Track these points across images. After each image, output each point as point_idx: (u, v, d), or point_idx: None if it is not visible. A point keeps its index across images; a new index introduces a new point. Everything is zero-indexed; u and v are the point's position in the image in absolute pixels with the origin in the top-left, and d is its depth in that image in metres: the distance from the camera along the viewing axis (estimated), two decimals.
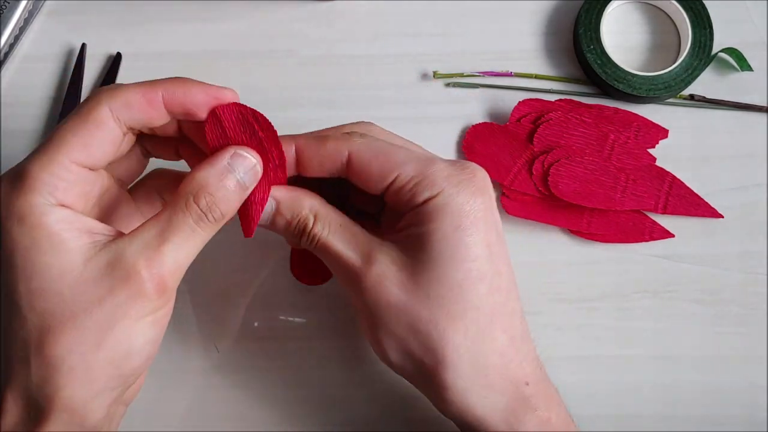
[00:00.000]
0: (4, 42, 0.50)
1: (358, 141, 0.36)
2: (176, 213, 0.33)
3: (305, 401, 0.45)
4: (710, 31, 0.50)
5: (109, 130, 0.33)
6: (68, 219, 0.32)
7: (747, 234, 0.48)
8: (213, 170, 0.34)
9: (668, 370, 0.46)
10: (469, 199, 0.35)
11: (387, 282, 0.35)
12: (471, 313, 0.34)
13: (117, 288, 0.32)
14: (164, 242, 0.32)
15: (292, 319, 0.46)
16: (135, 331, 0.32)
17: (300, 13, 0.52)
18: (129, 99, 0.33)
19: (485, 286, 0.35)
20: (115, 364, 0.33)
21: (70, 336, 0.32)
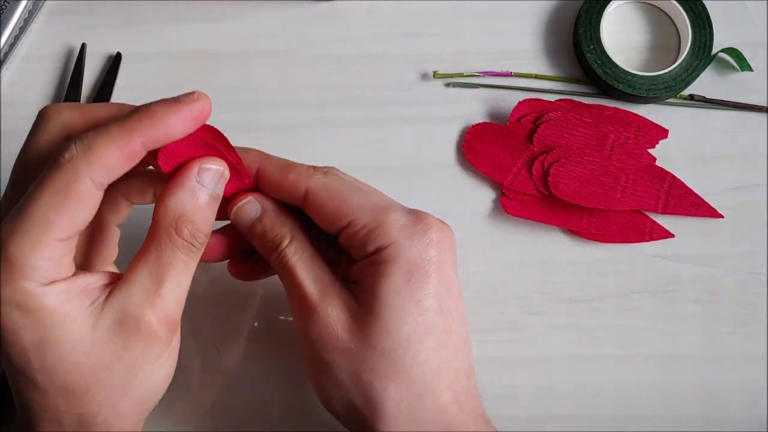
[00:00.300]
0: (4, 42, 0.50)
1: (317, 178, 0.36)
2: (163, 250, 0.33)
3: (305, 401, 0.45)
4: (710, 31, 0.50)
5: (92, 199, 0.31)
6: (63, 292, 0.31)
7: (747, 234, 0.48)
8: (184, 194, 0.33)
9: (668, 370, 0.46)
10: (422, 253, 0.34)
11: (337, 326, 0.34)
12: (417, 368, 0.34)
13: (131, 342, 0.32)
14: (162, 284, 0.32)
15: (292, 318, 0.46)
16: (155, 372, 0.34)
17: (300, 13, 0.52)
18: (109, 163, 0.31)
19: (433, 341, 0.34)
20: (142, 406, 0.34)
21: (98, 395, 0.32)
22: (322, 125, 0.50)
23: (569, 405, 0.45)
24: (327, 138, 0.50)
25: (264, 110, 0.50)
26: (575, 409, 0.45)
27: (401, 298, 0.34)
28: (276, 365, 0.46)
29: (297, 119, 0.50)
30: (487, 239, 0.48)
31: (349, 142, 0.49)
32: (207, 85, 0.50)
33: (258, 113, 0.50)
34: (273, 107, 0.50)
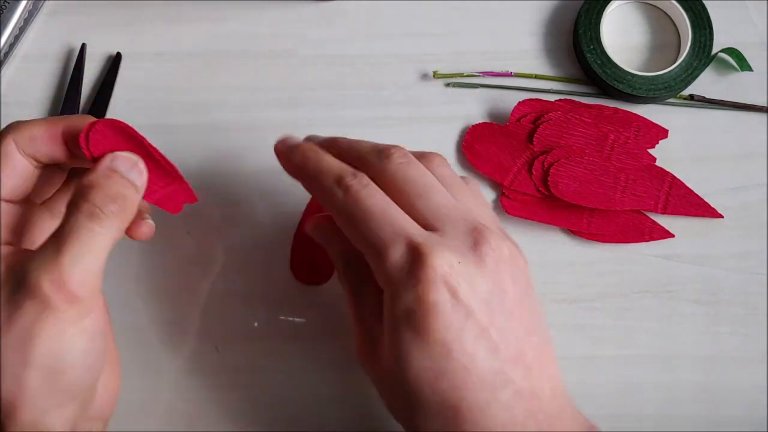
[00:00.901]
0: (4, 42, 0.50)
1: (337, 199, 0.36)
2: (68, 218, 0.33)
3: (305, 401, 0.45)
4: (710, 31, 0.50)
5: (16, 162, 0.35)
6: None
7: (747, 234, 0.48)
8: (97, 172, 0.34)
9: (668, 370, 0.46)
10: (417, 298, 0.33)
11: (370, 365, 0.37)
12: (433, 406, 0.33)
13: (24, 305, 0.31)
14: (61, 251, 0.32)
15: (292, 319, 0.46)
16: (60, 344, 0.32)
17: (300, 13, 0.52)
18: (33, 133, 0.35)
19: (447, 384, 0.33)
20: (50, 379, 0.32)
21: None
22: (322, 125, 0.50)
23: None
24: None
25: (264, 110, 0.50)
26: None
27: (403, 347, 0.33)
28: (276, 365, 0.46)
29: (297, 119, 0.50)
30: None
31: None
32: (207, 85, 0.51)
33: (258, 113, 0.50)
34: (273, 107, 0.50)
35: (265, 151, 0.49)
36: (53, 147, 0.35)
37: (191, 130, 0.50)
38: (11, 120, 0.49)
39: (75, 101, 0.49)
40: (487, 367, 0.33)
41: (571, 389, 0.46)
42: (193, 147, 0.49)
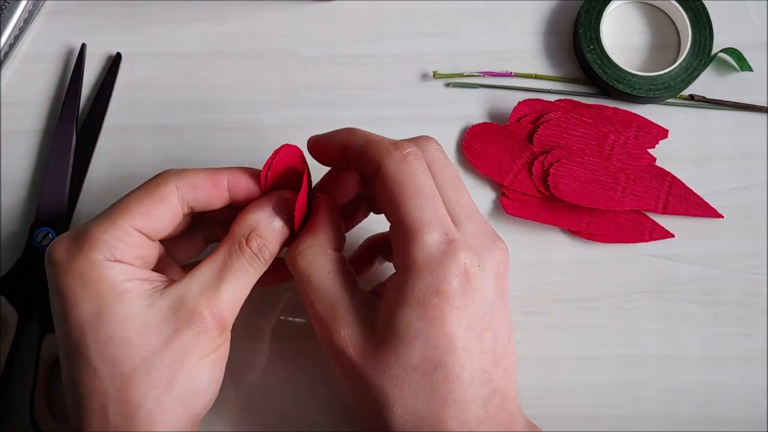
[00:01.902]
0: (4, 42, 0.50)
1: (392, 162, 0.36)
2: (231, 254, 0.36)
3: (305, 401, 0.45)
4: (710, 31, 0.50)
5: (171, 205, 0.36)
6: (127, 271, 0.34)
7: (747, 234, 0.48)
8: (262, 213, 0.37)
9: (668, 370, 0.46)
10: (439, 290, 0.34)
11: (349, 350, 0.35)
12: (421, 395, 0.34)
13: (182, 328, 0.34)
14: (222, 282, 0.35)
15: (292, 319, 0.46)
16: (201, 369, 0.35)
17: (300, 13, 0.52)
18: (196, 181, 0.36)
19: (441, 376, 0.34)
20: (185, 404, 0.34)
21: (144, 380, 0.33)
22: (322, 125, 0.50)
23: (569, 405, 0.45)
24: None
25: (264, 110, 0.50)
26: (575, 409, 0.45)
27: (412, 332, 0.34)
28: (276, 365, 0.46)
29: (297, 119, 0.50)
30: None
31: None
32: (207, 85, 0.51)
33: (258, 113, 0.50)
34: (273, 107, 0.50)
35: (265, 151, 0.49)
36: (213, 195, 0.37)
37: (191, 130, 0.50)
38: (11, 120, 0.50)
39: (75, 101, 0.49)
40: (478, 365, 0.35)
41: (571, 389, 0.46)
42: (193, 147, 0.49)
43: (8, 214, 0.48)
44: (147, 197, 0.35)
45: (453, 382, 0.34)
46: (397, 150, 0.36)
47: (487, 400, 0.35)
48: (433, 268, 0.34)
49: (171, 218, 0.36)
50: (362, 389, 0.35)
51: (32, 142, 0.49)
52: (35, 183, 0.49)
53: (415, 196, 0.35)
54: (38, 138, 0.50)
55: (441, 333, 0.34)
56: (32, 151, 0.49)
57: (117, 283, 0.34)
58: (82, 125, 0.49)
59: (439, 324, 0.34)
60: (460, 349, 0.34)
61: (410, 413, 0.34)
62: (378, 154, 0.36)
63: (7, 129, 0.50)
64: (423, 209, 0.35)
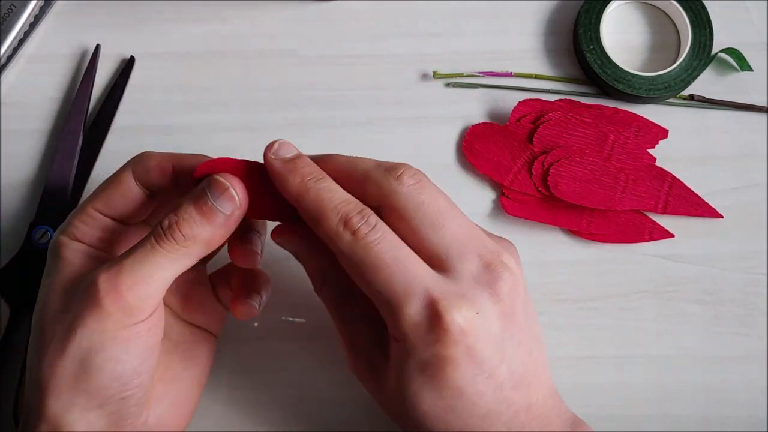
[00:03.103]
0: (12, 38, 0.50)
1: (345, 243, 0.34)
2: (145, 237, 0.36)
3: (305, 401, 0.45)
4: (710, 31, 0.50)
5: (128, 187, 0.38)
6: (79, 249, 0.37)
7: (747, 234, 0.48)
8: (189, 196, 0.36)
9: (668, 370, 0.46)
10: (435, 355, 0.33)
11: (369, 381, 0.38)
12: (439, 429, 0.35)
13: (78, 299, 0.34)
14: (124, 259, 0.34)
15: (292, 319, 0.46)
16: (96, 342, 0.34)
17: (300, 13, 0.52)
18: (148, 166, 0.38)
19: (455, 415, 0.34)
20: (77, 375, 0.34)
21: (47, 347, 0.34)
22: (322, 125, 0.50)
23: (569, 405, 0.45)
24: (327, 138, 0.50)
25: (264, 110, 0.50)
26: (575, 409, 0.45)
27: (416, 393, 0.34)
28: (276, 365, 0.46)
29: (297, 119, 0.50)
30: None
31: (349, 142, 0.49)
32: (207, 85, 0.51)
33: (258, 113, 0.50)
34: (273, 107, 0.50)
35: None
36: (162, 178, 0.38)
37: (191, 130, 0.50)
38: (13, 119, 0.50)
39: (85, 101, 0.49)
40: (492, 399, 0.34)
41: (571, 389, 0.46)
42: (193, 147, 0.49)
43: (9, 212, 0.48)
44: (108, 183, 0.38)
45: (467, 419, 0.34)
46: (345, 231, 0.33)
47: (508, 421, 0.35)
48: (423, 338, 0.33)
49: (132, 199, 0.38)
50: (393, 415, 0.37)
51: (37, 142, 0.49)
52: (38, 182, 0.49)
53: (376, 270, 0.33)
54: (43, 137, 0.50)
55: (445, 386, 0.34)
56: (37, 150, 0.49)
57: (66, 257, 0.36)
58: (89, 126, 0.49)
59: (442, 380, 0.33)
60: (469, 393, 0.34)
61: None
62: (327, 236, 0.34)
63: (9, 128, 0.50)
64: (390, 280, 0.33)
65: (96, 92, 0.50)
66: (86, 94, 0.49)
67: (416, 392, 0.34)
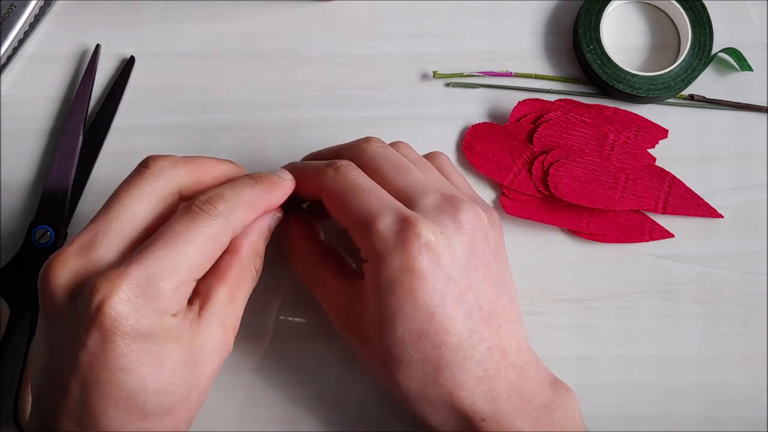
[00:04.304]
0: (12, 38, 0.50)
1: (327, 179, 0.38)
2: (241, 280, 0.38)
3: (305, 401, 0.45)
4: (710, 31, 0.50)
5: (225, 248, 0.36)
6: (181, 321, 0.35)
7: (747, 234, 0.48)
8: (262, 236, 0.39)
9: (668, 370, 0.46)
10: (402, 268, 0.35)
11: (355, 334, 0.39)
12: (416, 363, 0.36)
13: (216, 354, 0.37)
14: (236, 307, 0.38)
15: (292, 319, 0.46)
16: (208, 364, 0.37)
17: (300, 13, 0.52)
18: (245, 222, 0.37)
19: (429, 343, 0.36)
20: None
21: None
22: (322, 125, 0.50)
23: None
24: (327, 138, 0.50)
25: (264, 110, 0.50)
26: None
27: (390, 311, 0.36)
28: (276, 365, 0.46)
29: (297, 119, 0.50)
30: None
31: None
32: (207, 85, 0.51)
33: (258, 113, 0.50)
34: (272, 107, 0.50)
35: (265, 151, 0.49)
36: None
37: (191, 130, 0.50)
38: (13, 119, 0.50)
39: (85, 102, 0.49)
40: (463, 327, 0.36)
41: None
42: (193, 147, 0.49)
43: (9, 212, 0.48)
44: (212, 248, 0.35)
45: (440, 347, 0.36)
46: (329, 168, 0.38)
47: (482, 358, 0.37)
48: (393, 249, 0.35)
49: None
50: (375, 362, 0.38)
51: (37, 142, 0.49)
52: (38, 182, 0.49)
53: (354, 194, 0.37)
54: (43, 137, 0.50)
55: (415, 306, 0.35)
56: (37, 150, 0.49)
57: (176, 335, 0.34)
58: (89, 126, 0.49)
59: (411, 297, 0.35)
60: (439, 316, 0.36)
61: (411, 379, 0.37)
62: (315, 179, 0.39)
63: (9, 128, 0.50)
64: (366, 202, 0.37)
65: (96, 92, 0.50)
66: (86, 94, 0.49)
67: (390, 316, 0.36)
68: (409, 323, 0.36)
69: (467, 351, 0.36)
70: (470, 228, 0.37)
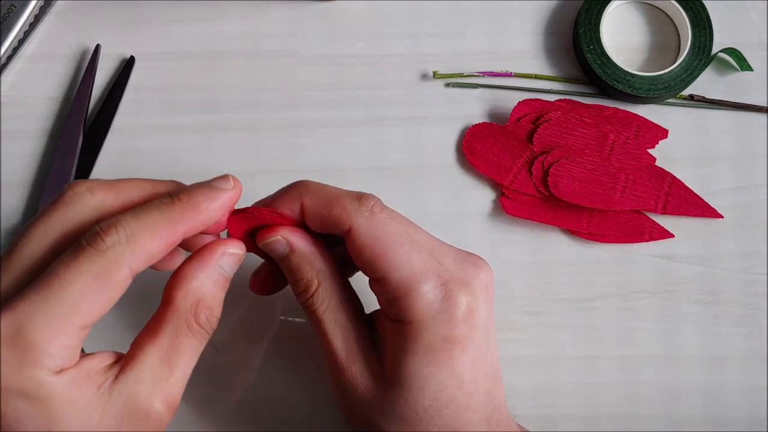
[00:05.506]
0: (12, 38, 0.50)
1: (362, 218, 0.34)
2: (179, 336, 0.32)
3: (305, 401, 0.45)
4: (710, 31, 0.50)
5: (124, 287, 0.31)
6: (72, 380, 0.30)
7: (747, 234, 0.48)
8: (205, 277, 0.32)
9: (668, 370, 0.46)
10: (447, 336, 0.34)
11: (361, 386, 0.35)
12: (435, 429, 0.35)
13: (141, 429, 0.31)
14: (173, 372, 0.32)
15: (292, 319, 0.46)
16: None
17: (300, 13, 0.52)
18: (151, 253, 0.31)
19: (452, 410, 0.35)
20: None
21: None
22: (322, 125, 0.50)
23: (569, 405, 0.45)
24: (327, 138, 0.50)
25: (264, 110, 0.50)
26: (575, 409, 0.45)
27: (422, 377, 0.34)
28: (275, 365, 0.46)
29: (297, 119, 0.50)
30: (487, 239, 0.48)
31: (349, 142, 0.50)
32: (207, 85, 0.51)
33: (258, 113, 0.50)
34: (273, 107, 0.50)
35: (266, 151, 0.49)
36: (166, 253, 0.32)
37: (191, 131, 0.50)
38: (12, 119, 0.50)
39: (84, 102, 0.49)
40: (482, 390, 0.35)
41: (571, 389, 0.46)
42: (193, 147, 0.49)
43: (9, 212, 0.48)
44: (98, 289, 0.29)
45: (463, 412, 0.35)
46: (363, 206, 0.34)
47: (489, 416, 0.36)
48: (437, 316, 0.34)
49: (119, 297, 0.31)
50: (370, 424, 0.35)
51: (37, 142, 0.49)
52: (38, 182, 0.49)
53: (396, 247, 0.34)
54: (43, 137, 0.50)
55: (451, 375, 0.34)
56: (37, 150, 0.49)
57: (65, 396, 0.29)
58: (89, 126, 0.49)
59: (449, 366, 0.34)
60: (468, 382, 0.34)
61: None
62: (345, 212, 0.34)
63: (12, 128, 0.50)
64: (410, 260, 0.34)
65: (96, 92, 0.50)
66: (86, 94, 0.49)
67: (420, 384, 0.34)
68: (440, 392, 0.34)
69: (482, 411, 0.35)
70: (490, 284, 0.36)
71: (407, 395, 0.34)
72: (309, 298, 0.36)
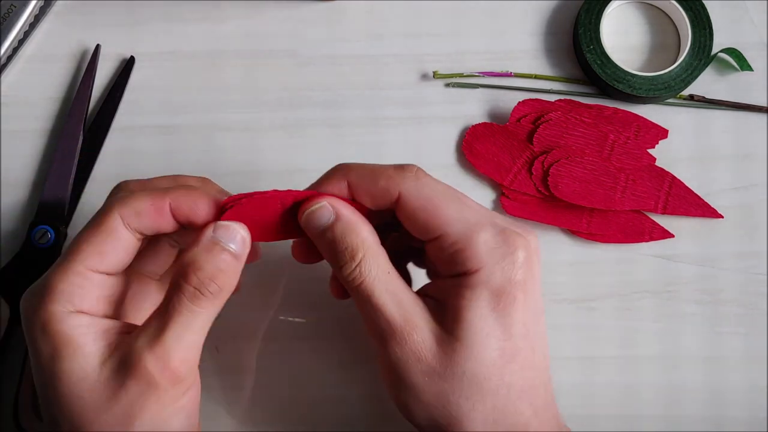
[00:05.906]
0: (12, 38, 0.50)
1: (409, 183, 0.35)
2: (169, 297, 0.33)
3: (305, 401, 0.45)
4: (710, 31, 0.50)
5: (121, 237, 0.34)
6: (85, 324, 0.33)
7: (747, 234, 0.48)
8: (198, 247, 0.34)
9: (668, 370, 0.46)
10: (510, 278, 0.34)
11: (424, 352, 0.34)
12: (502, 389, 0.34)
13: (128, 384, 0.32)
14: (165, 331, 0.32)
15: (292, 319, 0.46)
16: (160, 422, 0.33)
17: (300, 13, 0.52)
18: (139, 208, 0.34)
19: (518, 364, 0.34)
20: None
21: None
22: (322, 125, 0.50)
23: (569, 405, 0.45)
24: (327, 138, 0.50)
25: (264, 110, 0.50)
26: (575, 409, 0.45)
27: (488, 325, 0.34)
28: (276, 365, 0.46)
29: (297, 119, 0.50)
30: None
31: (349, 142, 0.50)
32: (207, 85, 0.51)
33: (258, 113, 0.50)
34: (273, 107, 0.50)
35: (266, 150, 0.49)
36: (158, 221, 0.35)
37: (191, 130, 0.50)
38: (17, 119, 0.50)
39: (84, 102, 0.49)
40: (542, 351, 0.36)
41: (571, 389, 0.46)
42: (193, 147, 0.49)
43: (9, 212, 0.48)
44: (95, 234, 0.34)
45: (527, 369, 0.35)
46: (406, 171, 0.35)
47: (546, 384, 0.36)
48: (500, 261, 0.34)
49: (125, 249, 0.35)
50: (437, 396, 0.34)
51: (37, 142, 0.49)
52: (38, 182, 0.49)
53: (449, 202, 0.35)
54: (43, 137, 0.50)
55: (515, 320, 0.34)
56: (37, 150, 0.49)
57: (73, 338, 0.32)
58: (89, 126, 0.49)
59: (513, 311, 0.34)
60: (531, 334, 0.35)
61: (490, 409, 0.34)
62: (392, 181, 0.35)
63: (12, 128, 0.50)
64: (463, 211, 0.35)
65: (96, 92, 0.50)
66: (86, 94, 0.49)
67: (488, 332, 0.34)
68: (507, 341, 0.34)
69: (543, 375, 0.36)
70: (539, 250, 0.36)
71: (474, 347, 0.34)
72: (355, 268, 0.34)
